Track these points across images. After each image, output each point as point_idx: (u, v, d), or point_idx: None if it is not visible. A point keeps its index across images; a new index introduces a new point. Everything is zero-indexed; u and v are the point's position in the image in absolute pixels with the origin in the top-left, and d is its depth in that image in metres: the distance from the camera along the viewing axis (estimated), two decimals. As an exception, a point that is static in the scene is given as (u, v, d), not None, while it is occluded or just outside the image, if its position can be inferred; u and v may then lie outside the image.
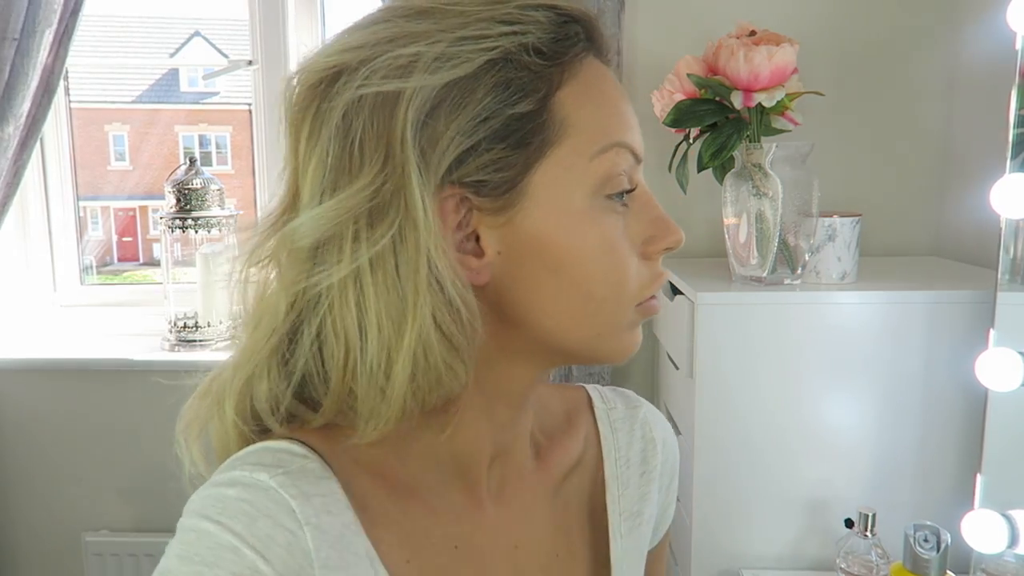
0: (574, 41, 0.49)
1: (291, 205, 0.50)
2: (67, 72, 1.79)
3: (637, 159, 0.51)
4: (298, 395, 0.51)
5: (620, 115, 0.51)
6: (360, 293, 0.46)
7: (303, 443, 0.50)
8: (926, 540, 0.95)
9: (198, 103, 2.80)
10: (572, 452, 0.62)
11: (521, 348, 0.52)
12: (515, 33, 0.47)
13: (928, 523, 0.96)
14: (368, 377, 0.47)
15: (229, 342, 0.50)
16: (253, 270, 0.51)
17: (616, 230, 0.50)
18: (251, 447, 0.50)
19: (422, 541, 0.52)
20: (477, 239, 0.49)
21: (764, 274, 1.17)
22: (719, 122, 1.20)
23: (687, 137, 1.30)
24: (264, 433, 0.52)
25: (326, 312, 0.47)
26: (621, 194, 0.50)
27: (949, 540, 0.95)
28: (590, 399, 0.66)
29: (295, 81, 0.49)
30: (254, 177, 1.90)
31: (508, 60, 0.47)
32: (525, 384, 0.54)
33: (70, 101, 1.90)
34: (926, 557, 0.95)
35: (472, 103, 0.46)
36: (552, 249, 0.48)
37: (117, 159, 2.72)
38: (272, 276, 0.51)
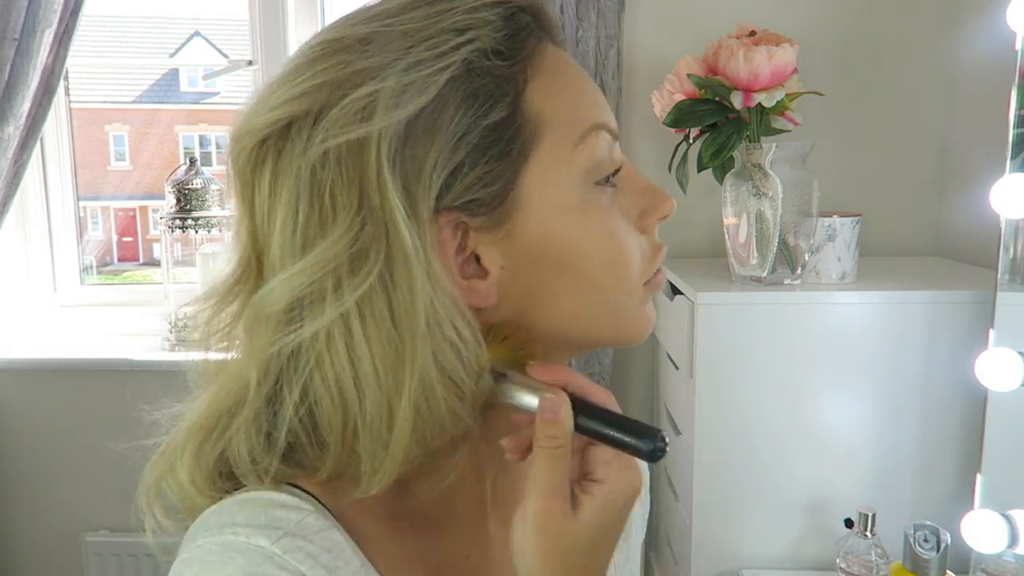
0: (528, 32, 0.48)
1: (253, 269, 0.47)
2: (67, 72, 1.78)
3: (614, 136, 0.51)
4: (285, 460, 0.47)
5: (588, 96, 0.50)
6: (350, 343, 0.43)
7: (292, 486, 0.47)
8: (926, 540, 0.95)
9: (198, 103, 2.80)
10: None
11: (539, 355, 0.50)
12: (469, 41, 0.45)
13: (928, 523, 0.96)
14: (369, 434, 0.44)
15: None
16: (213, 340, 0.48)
17: (611, 215, 0.49)
18: (236, 498, 0.46)
19: (434, 558, 0.51)
20: (478, 260, 0.47)
21: (764, 274, 1.17)
22: (719, 122, 1.20)
23: (687, 137, 1.30)
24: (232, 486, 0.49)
25: (313, 370, 0.44)
26: (608, 177, 0.50)
27: (949, 540, 0.95)
28: None
29: (240, 142, 0.46)
30: (254, 177, 1.90)
31: (470, 71, 0.44)
32: None
33: (70, 101, 1.90)
34: (926, 557, 0.95)
35: (444, 124, 0.44)
36: (554, 249, 0.47)
37: (117, 159, 2.72)
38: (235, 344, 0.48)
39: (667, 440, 0.44)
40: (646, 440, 0.43)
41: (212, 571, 0.41)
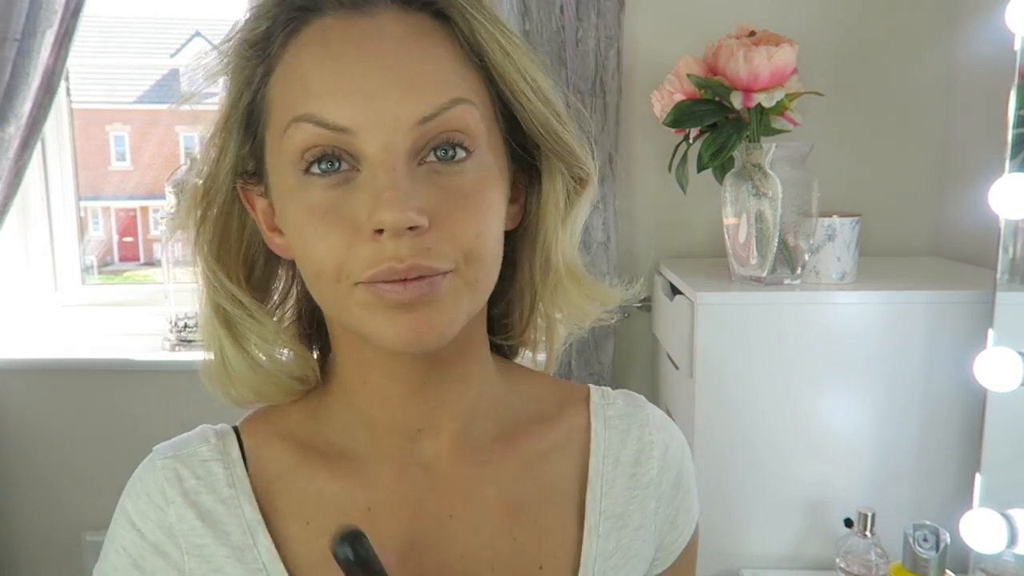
0: (277, 22, 0.50)
1: None
2: (68, 73, 1.79)
3: (330, 128, 0.46)
4: None
5: (309, 85, 0.47)
6: None
7: (236, 428, 0.58)
8: (925, 540, 0.95)
9: (199, 103, 2.80)
10: (545, 439, 0.60)
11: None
12: (238, 31, 0.51)
13: (927, 523, 0.96)
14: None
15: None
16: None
17: (316, 206, 0.47)
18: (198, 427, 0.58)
19: (327, 504, 0.54)
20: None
21: (764, 274, 1.17)
22: (719, 122, 1.21)
23: (687, 137, 1.30)
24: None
25: None
26: (319, 167, 0.47)
27: (948, 540, 0.95)
28: (589, 394, 0.64)
29: None
30: (255, 177, 1.91)
31: (236, 60, 0.51)
32: (383, 358, 0.53)
33: (71, 102, 1.90)
34: (925, 557, 0.95)
35: (225, 99, 0.52)
36: (282, 226, 0.52)
37: (118, 159, 2.73)
38: None
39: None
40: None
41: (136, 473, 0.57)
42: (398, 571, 0.51)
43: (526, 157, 0.55)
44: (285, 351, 0.57)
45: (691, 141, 1.29)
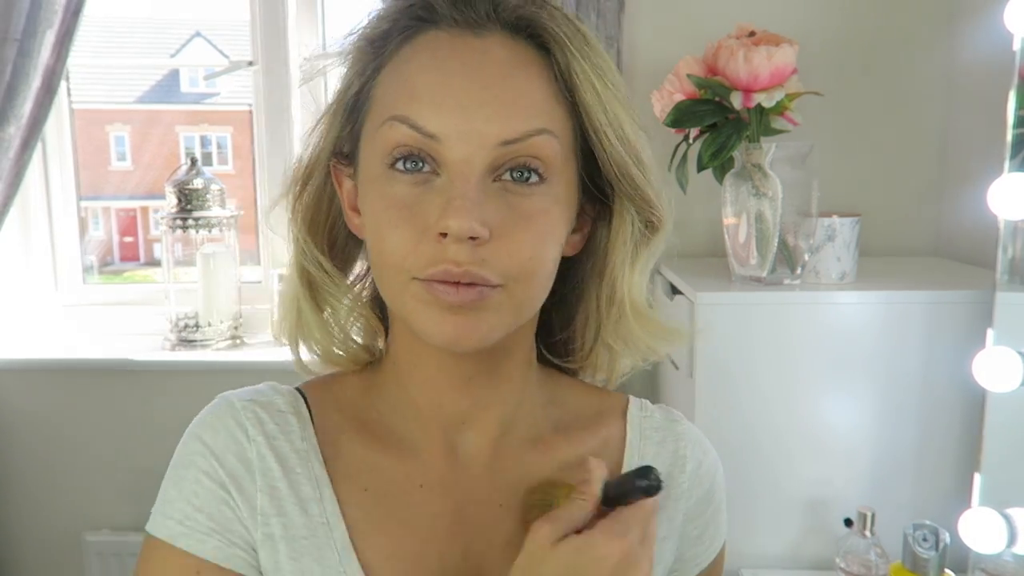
0: (397, 26, 0.54)
1: None
2: (68, 73, 1.79)
3: (421, 132, 0.50)
4: None
5: (411, 89, 0.51)
6: None
7: (300, 390, 0.61)
8: (925, 539, 0.95)
9: (199, 103, 2.81)
10: (583, 446, 0.62)
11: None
12: (362, 27, 0.56)
13: (927, 522, 0.96)
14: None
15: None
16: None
17: (395, 199, 0.51)
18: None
19: (383, 475, 0.58)
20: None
21: (764, 274, 1.17)
22: (719, 122, 1.21)
23: (687, 137, 1.30)
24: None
25: None
26: (404, 164, 0.51)
27: (948, 540, 0.95)
28: (627, 405, 0.66)
29: None
30: (254, 177, 1.91)
31: (354, 56, 0.56)
32: (433, 349, 0.54)
33: (71, 102, 1.90)
34: (925, 556, 0.95)
35: (339, 86, 0.57)
36: (361, 208, 0.56)
37: (118, 159, 2.73)
38: None
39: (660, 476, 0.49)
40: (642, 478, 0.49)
41: (205, 408, 0.59)
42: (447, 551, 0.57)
43: (599, 194, 0.57)
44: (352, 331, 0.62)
45: (691, 141, 1.29)
